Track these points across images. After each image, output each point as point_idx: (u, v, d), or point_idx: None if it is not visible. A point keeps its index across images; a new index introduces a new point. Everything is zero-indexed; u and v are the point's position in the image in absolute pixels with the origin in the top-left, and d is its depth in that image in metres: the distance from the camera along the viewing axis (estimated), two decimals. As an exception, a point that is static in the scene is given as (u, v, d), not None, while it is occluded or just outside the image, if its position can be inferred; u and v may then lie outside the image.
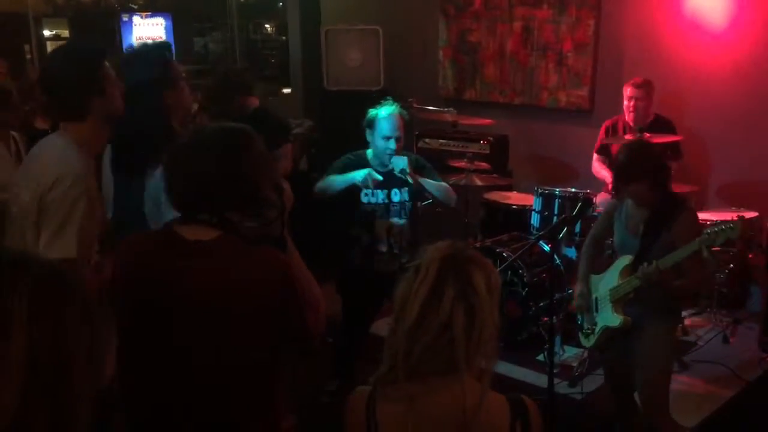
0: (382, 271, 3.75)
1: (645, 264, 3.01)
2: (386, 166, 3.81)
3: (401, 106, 3.94)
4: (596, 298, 3.34)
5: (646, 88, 4.87)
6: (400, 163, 3.72)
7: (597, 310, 3.33)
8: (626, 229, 3.23)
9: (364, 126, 3.86)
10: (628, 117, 4.93)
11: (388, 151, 3.76)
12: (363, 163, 3.86)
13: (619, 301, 3.18)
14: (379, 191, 3.80)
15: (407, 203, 3.86)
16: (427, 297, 1.59)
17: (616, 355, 3.32)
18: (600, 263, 3.51)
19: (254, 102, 4.65)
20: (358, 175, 3.75)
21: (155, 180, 2.51)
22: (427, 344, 1.58)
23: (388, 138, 3.76)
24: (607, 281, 3.27)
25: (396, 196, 3.83)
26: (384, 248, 3.78)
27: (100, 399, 0.98)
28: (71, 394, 0.90)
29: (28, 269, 0.92)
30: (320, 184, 3.92)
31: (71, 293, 0.94)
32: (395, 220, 3.81)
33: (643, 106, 4.87)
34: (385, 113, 3.78)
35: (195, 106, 5.55)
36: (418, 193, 3.92)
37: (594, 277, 3.40)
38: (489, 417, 1.61)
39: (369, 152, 3.88)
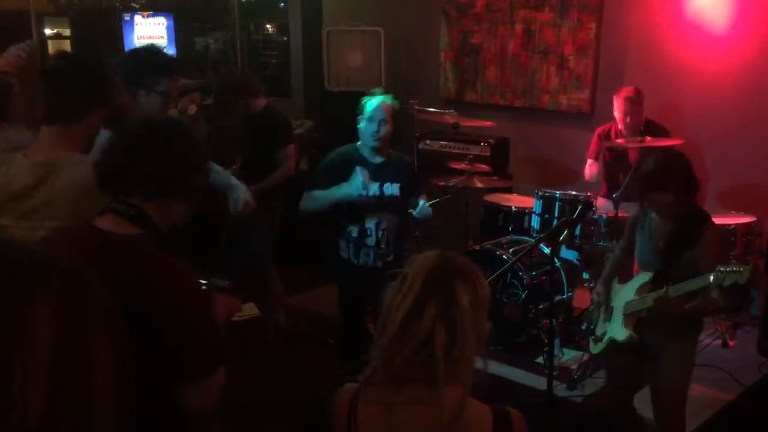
0: (369, 266, 3.77)
1: (663, 288, 2.93)
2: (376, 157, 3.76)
3: (394, 98, 3.87)
4: (613, 308, 3.26)
5: (638, 101, 4.84)
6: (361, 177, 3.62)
7: (610, 320, 3.26)
8: (650, 240, 3.13)
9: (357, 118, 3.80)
10: (621, 126, 4.91)
11: (370, 133, 3.70)
12: (351, 159, 3.76)
13: (632, 316, 3.09)
14: (371, 184, 3.72)
15: (399, 198, 3.77)
16: (409, 311, 1.57)
17: (630, 365, 3.21)
18: (624, 273, 3.40)
19: (261, 103, 4.66)
20: (352, 187, 3.63)
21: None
22: (406, 356, 1.57)
23: (371, 119, 3.70)
24: (625, 294, 3.19)
25: (388, 189, 3.75)
26: (372, 243, 3.76)
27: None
28: (92, 391, 0.91)
29: (53, 269, 0.93)
30: (305, 203, 3.83)
31: (95, 293, 0.95)
32: (385, 214, 3.77)
33: (636, 117, 4.85)
34: (373, 98, 3.76)
35: (194, 108, 5.56)
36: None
37: (616, 286, 3.31)
38: (468, 428, 1.59)
39: (359, 143, 3.83)
